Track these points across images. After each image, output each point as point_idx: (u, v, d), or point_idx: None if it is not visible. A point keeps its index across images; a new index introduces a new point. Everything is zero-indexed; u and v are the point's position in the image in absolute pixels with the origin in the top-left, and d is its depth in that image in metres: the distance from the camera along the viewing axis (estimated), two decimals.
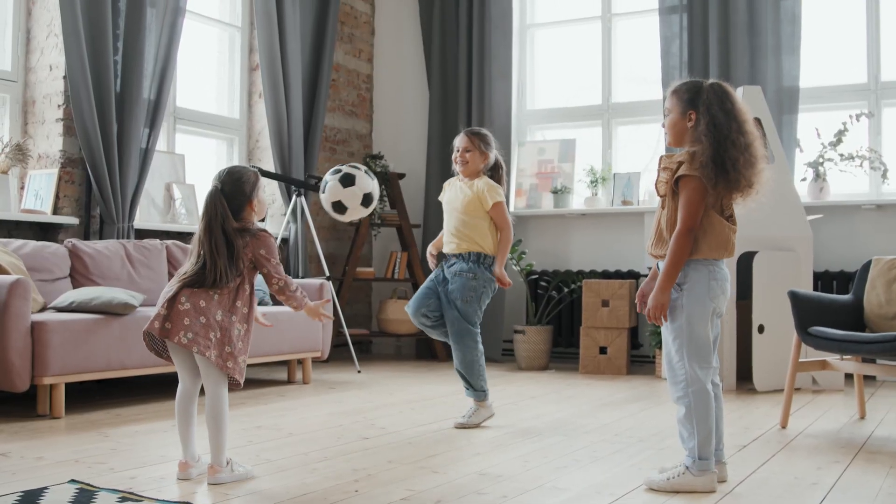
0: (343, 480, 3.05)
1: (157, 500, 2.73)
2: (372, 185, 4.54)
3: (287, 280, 3.17)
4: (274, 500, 2.79)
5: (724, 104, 2.94)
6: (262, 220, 3.06)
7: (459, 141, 4.39)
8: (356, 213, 4.56)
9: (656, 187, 3.05)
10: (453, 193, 4.40)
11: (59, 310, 4.51)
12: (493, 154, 4.39)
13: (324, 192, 4.52)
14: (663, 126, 3.08)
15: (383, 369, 6.56)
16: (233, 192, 3.10)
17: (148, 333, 3.07)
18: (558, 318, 7.06)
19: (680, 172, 2.93)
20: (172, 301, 3.01)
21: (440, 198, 4.53)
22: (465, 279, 4.24)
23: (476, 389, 4.27)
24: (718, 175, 2.88)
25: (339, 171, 4.54)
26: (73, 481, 2.95)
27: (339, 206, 4.50)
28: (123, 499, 2.73)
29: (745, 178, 2.92)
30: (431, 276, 4.41)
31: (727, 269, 3.05)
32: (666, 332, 3.05)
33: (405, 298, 7.31)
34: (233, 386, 3.09)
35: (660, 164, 3.05)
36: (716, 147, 2.89)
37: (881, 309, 4.27)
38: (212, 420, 3.01)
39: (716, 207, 2.98)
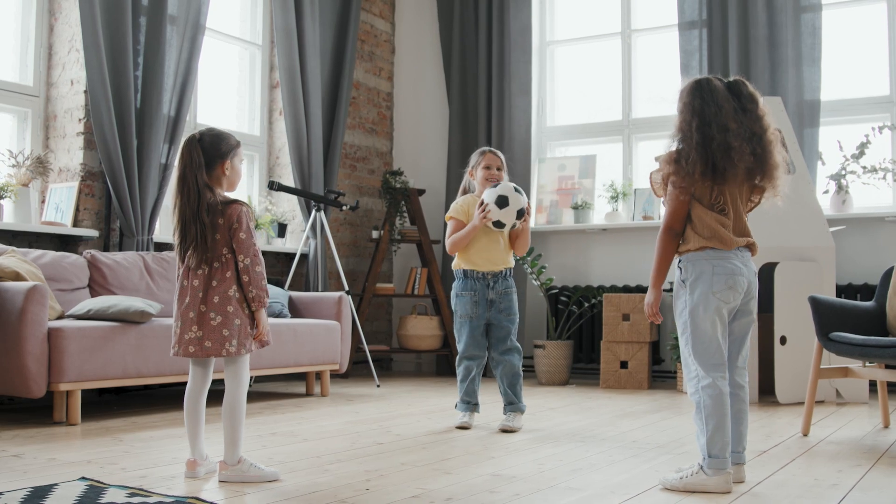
0: (355, 480, 3.02)
1: (166, 495, 2.71)
2: (522, 201, 4.31)
3: (256, 258, 3.01)
4: (284, 497, 2.76)
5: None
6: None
7: (494, 160, 4.44)
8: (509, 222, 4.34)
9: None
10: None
11: (77, 317, 4.51)
12: None
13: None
14: None
15: (403, 384, 6.52)
16: (211, 144, 3.02)
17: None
18: (579, 333, 7.01)
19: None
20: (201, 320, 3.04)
21: (464, 215, 4.45)
22: (513, 294, 4.44)
23: (521, 402, 4.38)
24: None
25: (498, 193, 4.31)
26: (83, 478, 2.94)
27: (499, 224, 4.32)
28: (133, 494, 2.71)
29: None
30: (469, 311, 4.38)
31: (739, 264, 2.97)
32: (678, 328, 3.03)
33: (425, 314, 7.28)
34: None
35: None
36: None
37: None
38: (228, 415, 2.99)
39: (703, 201, 2.99)
